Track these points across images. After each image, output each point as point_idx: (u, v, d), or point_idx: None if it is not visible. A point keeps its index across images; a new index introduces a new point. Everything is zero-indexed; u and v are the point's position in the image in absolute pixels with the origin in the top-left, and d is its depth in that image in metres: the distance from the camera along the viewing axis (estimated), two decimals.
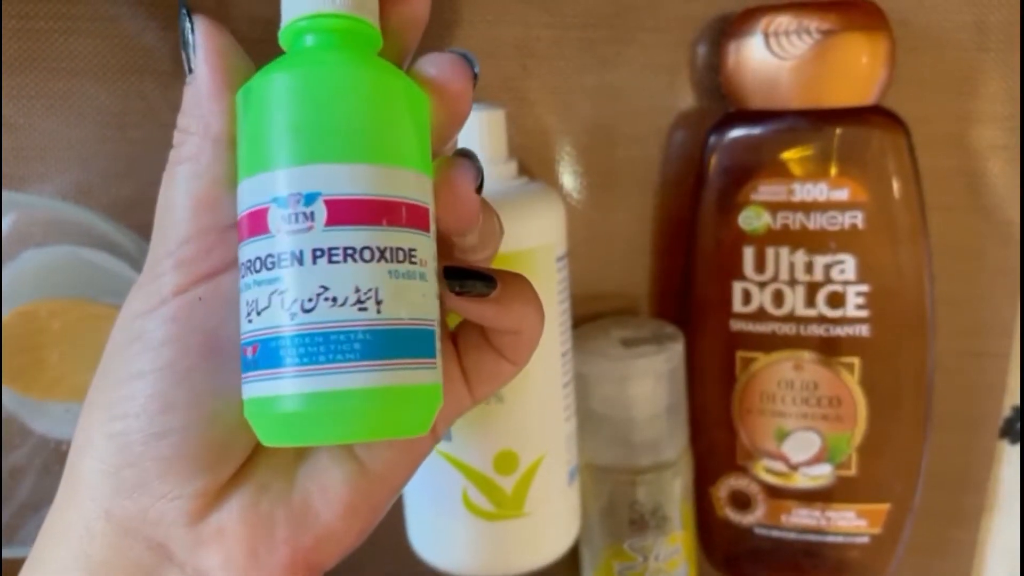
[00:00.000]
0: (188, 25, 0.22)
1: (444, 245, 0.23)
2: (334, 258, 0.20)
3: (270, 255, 0.20)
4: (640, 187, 0.46)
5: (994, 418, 0.47)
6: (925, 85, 0.43)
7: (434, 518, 0.40)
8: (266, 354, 0.20)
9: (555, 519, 0.41)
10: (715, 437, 0.45)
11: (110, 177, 0.43)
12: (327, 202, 0.20)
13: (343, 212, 0.20)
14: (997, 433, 0.48)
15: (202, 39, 0.22)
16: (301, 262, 0.20)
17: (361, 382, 0.20)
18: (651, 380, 0.42)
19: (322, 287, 0.20)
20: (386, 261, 0.21)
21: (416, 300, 0.21)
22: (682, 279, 0.45)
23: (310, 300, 0.20)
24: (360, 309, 0.20)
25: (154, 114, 0.43)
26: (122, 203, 0.43)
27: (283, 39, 0.23)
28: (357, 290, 0.20)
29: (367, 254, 0.20)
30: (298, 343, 0.20)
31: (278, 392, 0.20)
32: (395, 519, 0.43)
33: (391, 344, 0.21)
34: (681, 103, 0.45)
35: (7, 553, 0.41)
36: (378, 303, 0.20)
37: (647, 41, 0.43)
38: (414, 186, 0.22)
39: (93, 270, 0.41)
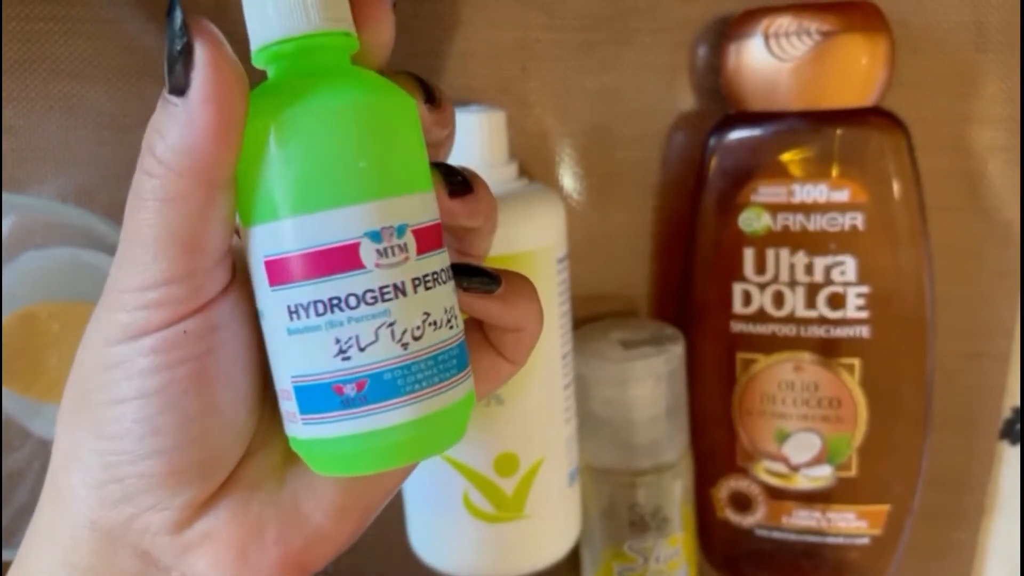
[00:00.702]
0: (180, 29, 0.19)
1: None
2: (428, 285, 0.21)
3: (369, 290, 0.20)
4: (640, 189, 0.46)
5: (994, 419, 0.47)
6: (925, 86, 0.43)
7: (435, 520, 0.40)
8: (380, 387, 0.20)
9: (555, 521, 0.41)
10: (715, 438, 0.45)
11: (110, 179, 0.43)
12: (415, 232, 0.21)
13: (424, 240, 0.21)
14: (997, 434, 0.48)
15: (206, 56, 0.19)
16: (404, 293, 0.20)
17: (460, 394, 0.22)
18: (651, 382, 0.42)
19: (425, 313, 0.21)
20: (450, 279, 0.22)
21: (460, 311, 0.23)
22: (682, 281, 0.45)
23: (418, 328, 0.21)
24: (451, 327, 0.22)
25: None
26: (121, 205, 0.43)
27: (263, 59, 0.21)
28: (446, 310, 0.22)
29: (444, 276, 0.22)
30: (416, 369, 0.21)
31: (399, 421, 0.21)
32: (396, 521, 0.43)
33: (464, 355, 0.23)
34: (681, 105, 0.45)
35: (8, 556, 0.41)
36: (456, 318, 0.22)
37: (647, 43, 0.43)
38: (436, 204, 0.23)
39: (93, 272, 0.41)
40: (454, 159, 0.26)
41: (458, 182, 0.23)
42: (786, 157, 0.41)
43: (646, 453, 0.43)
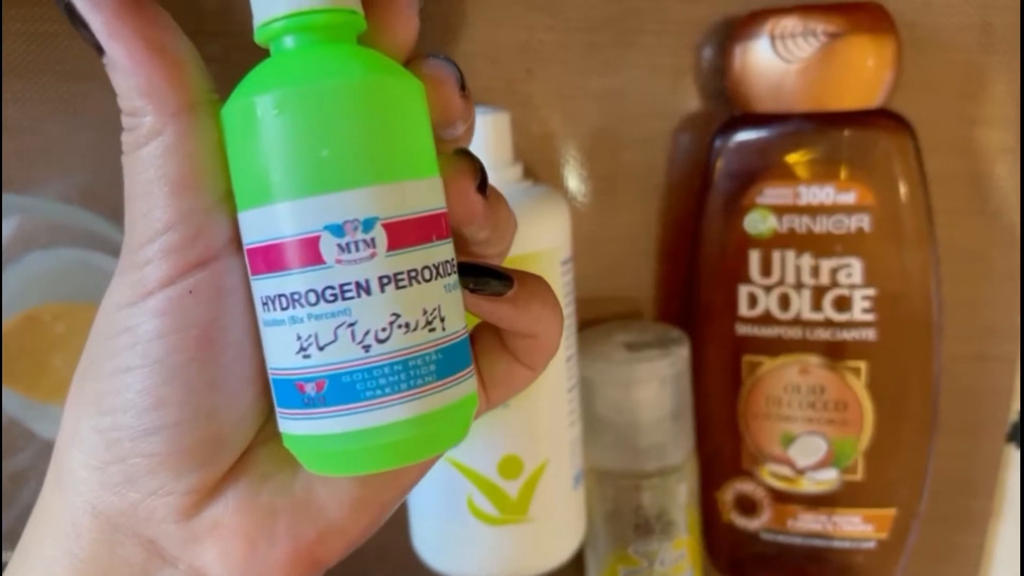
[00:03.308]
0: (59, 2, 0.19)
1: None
2: (400, 284, 0.20)
3: (328, 287, 0.19)
4: (645, 190, 0.46)
5: (1001, 422, 0.47)
6: (932, 88, 0.43)
7: (439, 523, 0.40)
8: (338, 389, 0.20)
9: (560, 524, 0.41)
10: (721, 441, 0.45)
11: (114, 181, 0.43)
12: (386, 226, 0.19)
13: (401, 235, 0.20)
14: (1004, 437, 0.47)
15: (90, 8, 0.19)
16: (369, 292, 0.19)
17: (439, 402, 0.20)
18: (656, 384, 0.42)
19: (394, 315, 0.19)
20: (440, 276, 0.20)
21: (460, 309, 0.21)
22: (687, 283, 0.45)
23: (384, 330, 0.19)
24: (430, 330, 0.20)
25: None
26: None
27: (262, 36, 0.21)
28: (425, 312, 0.20)
29: (427, 273, 0.20)
30: (378, 374, 0.19)
31: (360, 426, 0.20)
32: (399, 524, 0.43)
33: (454, 359, 0.21)
34: (686, 106, 0.44)
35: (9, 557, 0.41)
36: (442, 320, 0.20)
37: (651, 44, 0.43)
38: (440, 193, 0.21)
39: (97, 273, 0.41)
40: None
41: (483, 175, 0.22)
42: (792, 159, 0.41)
43: (651, 456, 0.43)
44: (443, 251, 0.21)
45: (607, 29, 0.43)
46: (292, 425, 0.21)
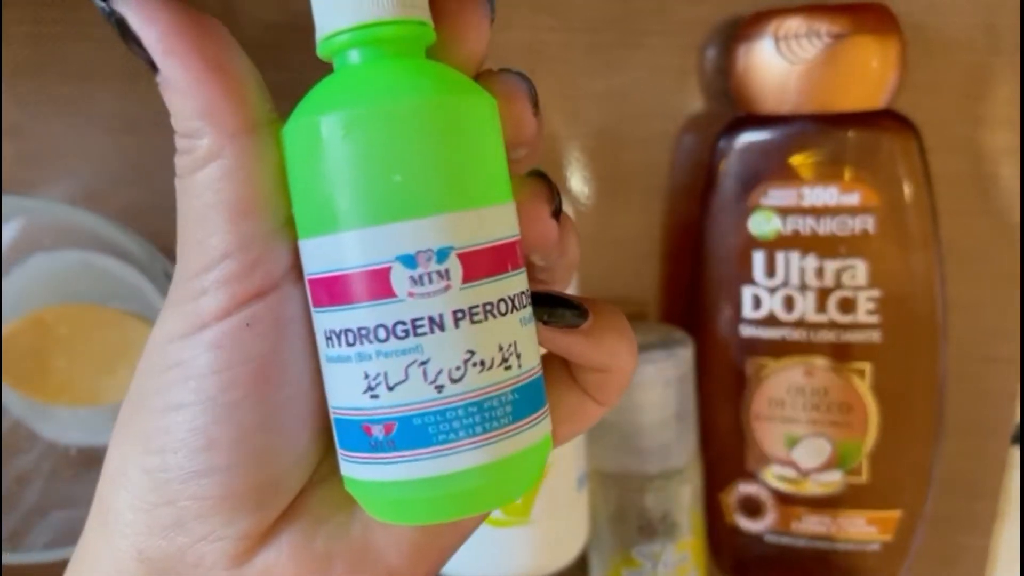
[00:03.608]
0: (107, 11, 0.18)
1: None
2: (476, 318, 0.18)
3: (400, 322, 0.18)
4: (648, 191, 0.46)
5: (1006, 424, 0.47)
6: (936, 89, 0.43)
7: None
8: (409, 433, 0.18)
9: (563, 526, 0.41)
10: (724, 443, 0.45)
11: (119, 182, 0.43)
12: (461, 257, 0.18)
13: (477, 265, 0.18)
14: (1009, 439, 0.47)
15: (144, 22, 0.18)
16: (443, 327, 0.18)
17: (517, 446, 0.19)
18: (660, 386, 0.42)
19: (469, 352, 0.18)
20: (516, 310, 0.19)
21: (535, 343, 0.20)
22: (691, 284, 0.45)
23: (458, 368, 0.18)
24: (506, 368, 0.19)
25: (163, 119, 0.42)
26: (131, 208, 0.43)
27: (326, 50, 0.20)
28: (501, 348, 0.19)
29: (503, 307, 0.19)
30: (451, 416, 0.18)
31: (431, 473, 0.18)
32: None
33: (532, 398, 0.19)
34: (690, 107, 0.44)
35: (16, 559, 0.41)
36: (518, 356, 0.19)
37: (655, 45, 0.43)
38: (515, 219, 0.20)
39: (101, 275, 0.41)
40: None
41: (559, 200, 0.21)
42: (796, 160, 0.41)
43: (655, 458, 0.43)
44: (518, 282, 0.19)
45: (610, 30, 0.43)
46: (357, 470, 0.19)
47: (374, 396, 0.18)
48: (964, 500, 0.48)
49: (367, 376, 0.18)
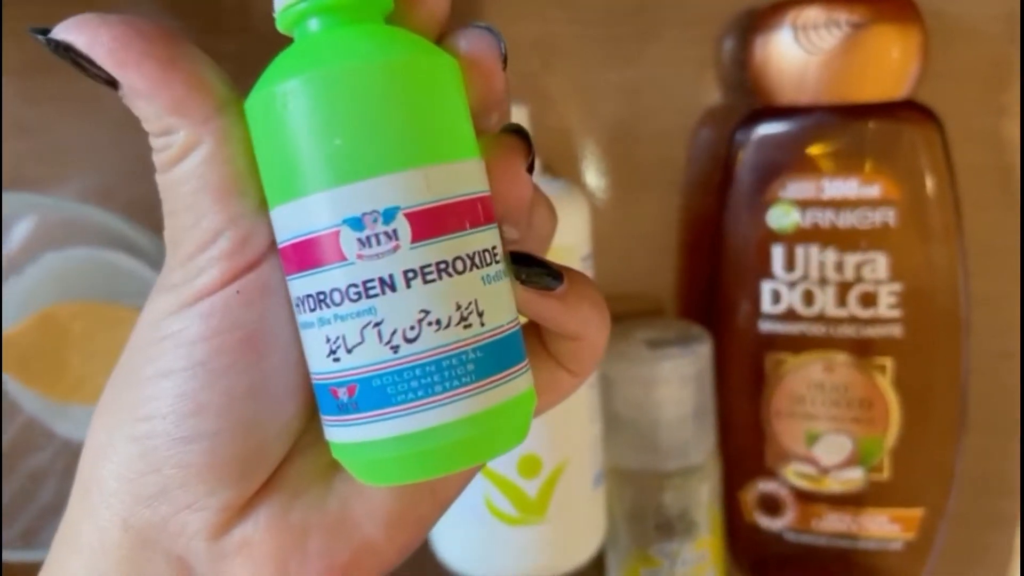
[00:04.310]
0: (52, 42, 0.19)
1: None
2: (428, 278, 0.18)
3: (352, 284, 0.18)
4: (665, 185, 0.45)
5: None
6: (958, 78, 0.42)
7: (457, 523, 0.40)
8: (369, 394, 0.19)
9: (580, 524, 0.41)
10: (743, 440, 0.45)
11: (130, 179, 0.43)
12: (409, 216, 0.18)
13: (428, 224, 0.18)
14: None
15: (90, 43, 0.19)
16: (394, 288, 0.18)
17: (480, 405, 0.19)
18: (677, 383, 0.42)
19: (423, 311, 0.18)
20: (477, 267, 0.19)
21: (506, 301, 0.20)
22: (709, 279, 0.45)
23: (412, 328, 0.18)
24: (465, 326, 0.19)
25: None
26: (142, 204, 0.42)
27: (284, 23, 0.20)
28: (458, 307, 0.19)
29: (460, 265, 0.19)
30: (408, 377, 0.18)
31: (391, 434, 0.19)
32: None
33: (498, 356, 0.19)
34: (707, 99, 0.44)
35: (30, 556, 0.41)
36: (480, 315, 0.19)
37: (671, 36, 0.43)
38: (479, 176, 0.20)
39: (114, 272, 0.41)
40: None
41: (533, 155, 0.21)
42: (815, 152, 0.40)
43: (672, 455, 0.42)
44: (480, 239, 0.19)
45: (626, 21, 0.43)
46: (331, 432, 0.20)
47: (336, 359, 0.19)
48: (988, 497, 0.47)
49: (328, 340, 0.19)
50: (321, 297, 0.19)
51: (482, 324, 0.19)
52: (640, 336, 0.43)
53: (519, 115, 0.38)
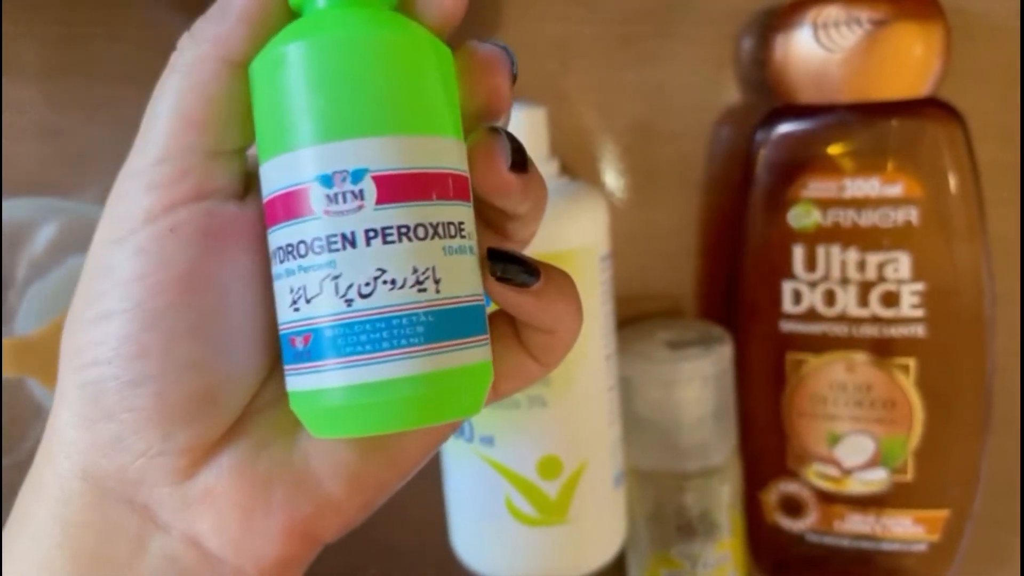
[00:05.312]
0: None
1: (481, 221, 0.22)
2: (388, 239, 0.19)
3: (316, 238, 0.19)
4: (685, 185, 0.45)
5: None
6: (981, 76, 0.42)
7: (478, 523, 0.40)
8: (321, 344, 0.19)
9: (600, 525, 0.40)
10: (765, 441, 0.45)
11: None
12: (376, 179, 0.19)
13: (393, 189, 0.19)
14: None
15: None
16: (354, 244, 0.19)
17: (427, 366, 0.20)
18: (698, 383, 0.42)
19: (379, 270, 0.19)
20: (439, 237, 0.20)
21: (469, 275, 0.21)
22: (729, 279, 0.45)
23: (367, 284, 0.19)
24: (420, 290, 0.20)
25: None
26: None
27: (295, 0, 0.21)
28: (415, 270, 0.19)
29: (421, 232, 0.20)
30: (358, 330, 0.19)
31: (338, 383, 0.19)
32: (438, 525, 0.42)
33: (451, 324, 0.20)
34: (727, 98, 0.44)
35: None
36: (436, 282, 0.20)
37: (690, 36, 0.43)
38: (455, 155, 0.21)
39: None
40: None
41: (519, 154, 0.21)
42: (836, 151, 0.40)
43: (693, 456, 0.42)
44: (447, 212, 0.20)
45: (644, 21, 0.42)
46: (290, 382, 0.21)
47: (296, 309, 0.20)
48: (1013, 499, 0.47)
49: (292, 290, 0.20)
50: (290, 249, 0.20)
51: (437, 291, 0.20)
52: (660, 337, 0.43)
53: (538, 116, 0.38)
